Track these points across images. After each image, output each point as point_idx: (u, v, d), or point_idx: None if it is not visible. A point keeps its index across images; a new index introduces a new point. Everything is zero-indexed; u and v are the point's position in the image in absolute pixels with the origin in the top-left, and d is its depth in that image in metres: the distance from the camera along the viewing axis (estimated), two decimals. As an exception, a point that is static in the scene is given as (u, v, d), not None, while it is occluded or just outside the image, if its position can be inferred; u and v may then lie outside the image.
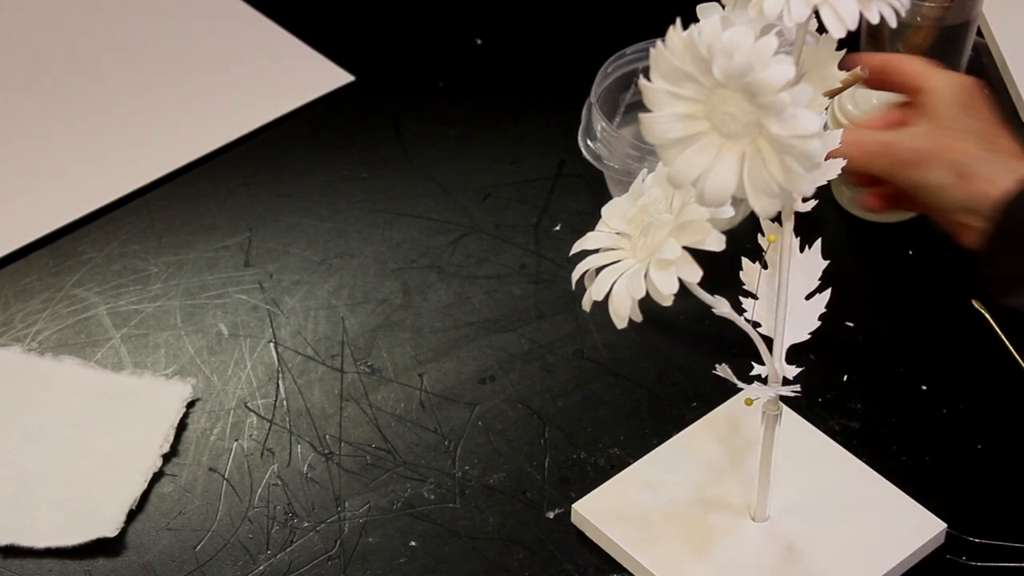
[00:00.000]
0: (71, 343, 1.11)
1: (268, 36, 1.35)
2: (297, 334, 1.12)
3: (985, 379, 1.07)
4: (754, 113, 0.73)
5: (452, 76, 1.32)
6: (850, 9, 0.74)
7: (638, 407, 1.06)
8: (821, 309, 0.90)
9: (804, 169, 0.73)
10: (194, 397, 1.07)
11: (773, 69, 0.71)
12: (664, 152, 0.76)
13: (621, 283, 0.80)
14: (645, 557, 0.96)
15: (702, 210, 0.78)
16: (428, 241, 1.18)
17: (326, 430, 1.06)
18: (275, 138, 1.27)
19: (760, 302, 0.89)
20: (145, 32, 1.35)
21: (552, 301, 1.13)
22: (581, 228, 1.18)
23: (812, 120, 0.72)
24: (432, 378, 1.09)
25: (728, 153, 0.74)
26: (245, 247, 1.18)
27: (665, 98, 0.75)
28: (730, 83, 0.73)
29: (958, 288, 1.13)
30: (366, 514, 1.01)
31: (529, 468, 1.03)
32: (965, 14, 1.19)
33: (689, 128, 0.75)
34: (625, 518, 0.98)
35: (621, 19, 1.36)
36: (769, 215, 0.75)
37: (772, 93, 0.71)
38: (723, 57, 0.72)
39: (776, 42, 0.72)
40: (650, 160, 1.12)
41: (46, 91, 1.31)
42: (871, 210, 1.11)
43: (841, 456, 1.01)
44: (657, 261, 0.79)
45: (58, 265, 1.17)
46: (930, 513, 0.98)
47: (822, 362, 1.07)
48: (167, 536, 1.00)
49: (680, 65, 0.74)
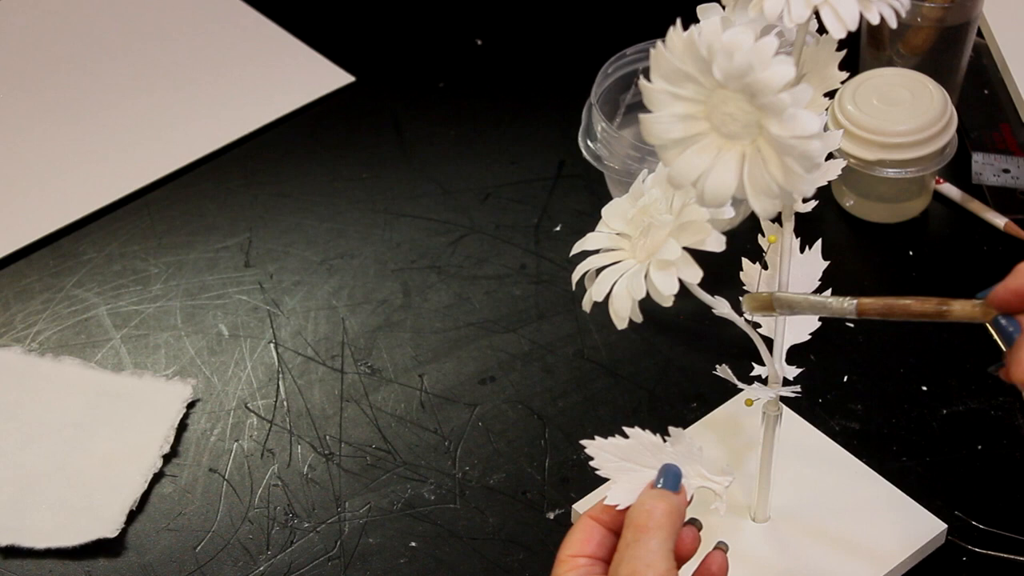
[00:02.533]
0: (71, 344, 1.11)
1: (268, 36, 1.35)
2: (297, 335, 1.12)
3: (985, 379, 1.07)
4: (754, 113, 0.73)
5: (452, 76, 1.32)
6: (850, 9, 0.74)
7: (638, 407, 1.06)
8: None
9: (804, 169, 0.73)
10: (194, 398, 1.07)
11: (773, 69, 0.71)
12: (664, 153, 0.76)
13: (621, 284, 0.80)
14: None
15: (702, 211, 0.78)
16: (428, 241, 1.18)
17: (326, 431, 1.06)
18: (275, 138, 1.27)
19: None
20: (145, 33, 1.35)
21: (552, 301, 1.13)
22: (581, 228, 1.18)
23: (812, 121, 0.72)
24: (432, 379, 1.09)
25: (728, 154, 0.74)
26: (245, 247, 1.18)
27: (665, 98, 0.75)
28: (730, 83, 0.73)
29: (958, 288, 1.13)
30: (366, 515, 1.01)
31: (529, 468, 1.03)
32: (965, 14, 1.19)
33: (689, 129, 0.75)
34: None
35: (621, 19, 1.36)
36: (769, 216, 0.75)
37: (772, 93, 0.71)
38: (723, 57, 0.72)
39: (776, 42, 0.72)
40: (650, 160, 1.12)
41: (46, 91, 1.31)
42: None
43: (841, 456, 1.01)
44: (657, 262, 0.79)
45: (58, 265, 1.17)
46: (930, 513, 0.98)
47: (822, 362, 1.07)
48: (167, 537, 1.00)
49: (680, 65, 0.74)
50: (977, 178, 1.20)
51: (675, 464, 0.81)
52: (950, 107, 1.14)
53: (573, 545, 0.80)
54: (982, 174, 1.20)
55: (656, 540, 0.77)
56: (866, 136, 1.12)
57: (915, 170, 1.13)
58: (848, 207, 1.18)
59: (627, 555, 0.77)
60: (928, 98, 1.14)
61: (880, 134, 1.12)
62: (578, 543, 0.80)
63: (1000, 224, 1.17)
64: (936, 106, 1.13)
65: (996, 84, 1.27)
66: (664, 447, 0.83)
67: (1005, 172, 1.20)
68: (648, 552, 0.76)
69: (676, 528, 0.78)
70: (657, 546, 0.77)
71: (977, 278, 1.14)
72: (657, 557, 0.76)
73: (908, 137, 1.12)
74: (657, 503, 0.79)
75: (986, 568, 0.97)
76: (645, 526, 0.77)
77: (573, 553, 0.80)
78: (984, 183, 1.20)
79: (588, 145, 1.16)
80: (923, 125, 1.12)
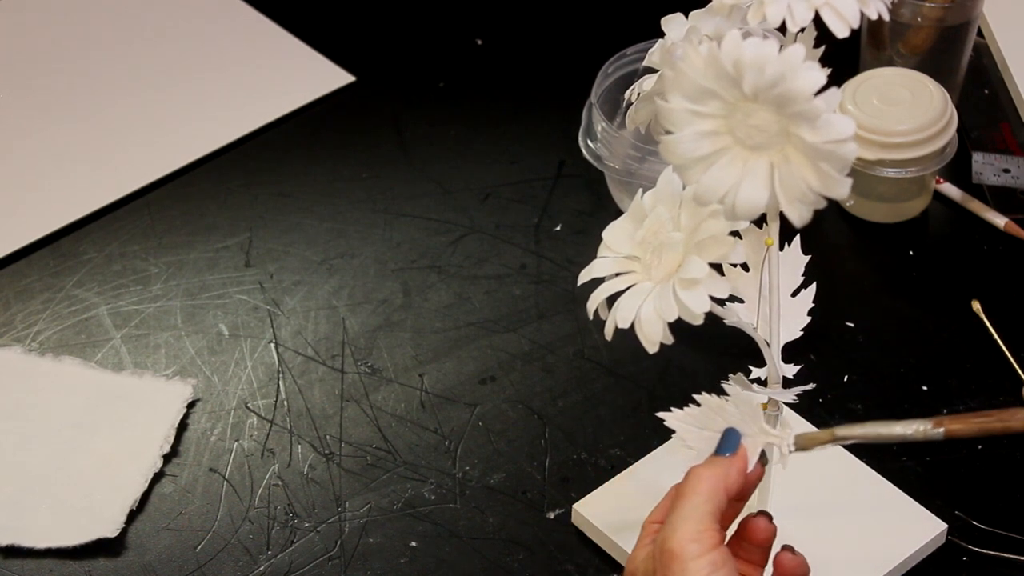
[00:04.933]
0: (71, 343, 1.11)
1: (268, 36, 1.35)
2: (297, 334, 1.12)
3: (985, 379, 1.07)
4: (781, 123, 0.72)
5: (452, 76, 1.32)
6: (851, 8, 0.74)
7: (638, 407, 1.06)
8: (809, 305, 0.89)
9: (839, 172, 0.72)
10: (194, 397, 1.07)
11: (804, 77, 0.71)
12: (687, 171, 0.75)
13: (648, 307, 0.79)
14: (645, 557, 0.96)
15: (722, 224, 0.77)
16: (428, 241, 1.18)
17: (326, 430, 1.05)
18: (275, 138, 1.27)
19: (745, 305, 0.88)
20: (145, 32, 1.35)
21: (552, 301, 1.13)
22: (581, 228, 1.19)
23: (846, 124, 0.71)
24: (432, 378, 1.09)
25: (755, 165, 0.74)
26: (245, 247, 1.18)
27: (687, 117, 0.74)
28: (760, 96, 0.72)
29: (958, 288, 1.13)
30: (366, 514, 1.01)
31: (529, 468, 1.03)
32: (965, 14, 1.19)
33: (714, 144, 0.74)
34: (625, 518, 0.98)
35: (621, 19, 1.36)
36: (805, 222, 0.74)
37: (806, 101, 0.71)
38: (754, 71, 0.71)
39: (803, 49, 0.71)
40: (650, 160, 1.12)
41: (46, 91, 1.31)
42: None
43: (841, 456, 1.01)
44: (682, 280, 0.78)
45: (58, 265, 1.17)
46: (930, 513, 0.98)
47: (822, 362, 1.07)
48: (167, 536, 1.00)
49: (703, 83, 0.73)
50: (977, 178, 1.20)
51: (733, 428, 0.83)
52: (950, 107, 1.14)
53: (655, 512, 0.84)
54: (982, 174, 1.20)
55: (690, 505, 0.80)
56: (866, 136, 1.12)
57: (915, 170, 1.13)
58: (848, 207, 1.18)
59: (666, 520, 0.80)
60: (928, 98, 1.14)
61: (880, 134, 1.12)
62: (659, 510, 0.84)
63: (1000, 224, 1.17)
64: (936, 106, 1.13)
65: (996, 84, 1.27)
66: (725, 407, 0.83)
67: (1005, 172, 1.20)
68: (678, 517, 0.79)
69: (713, 491, 0.80)
70: (690, 511, 0.79)
71: (977, 278, 1.14)
72: (686, 521, 0.79)
73: (908, 137, 1.12)
74: (697, 469, 0.81)
75: (986, 568, 0.97)
76: (682, 492, 0.81)
77: (653, 519, 0.84)
78: (984, 183, 1.20)
79: (588, 145, 1.16)
80: (923, 125, 1.13)
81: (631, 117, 0.87)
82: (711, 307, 0.80)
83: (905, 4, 1.17)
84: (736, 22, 0.79)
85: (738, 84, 0.73)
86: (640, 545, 0.83)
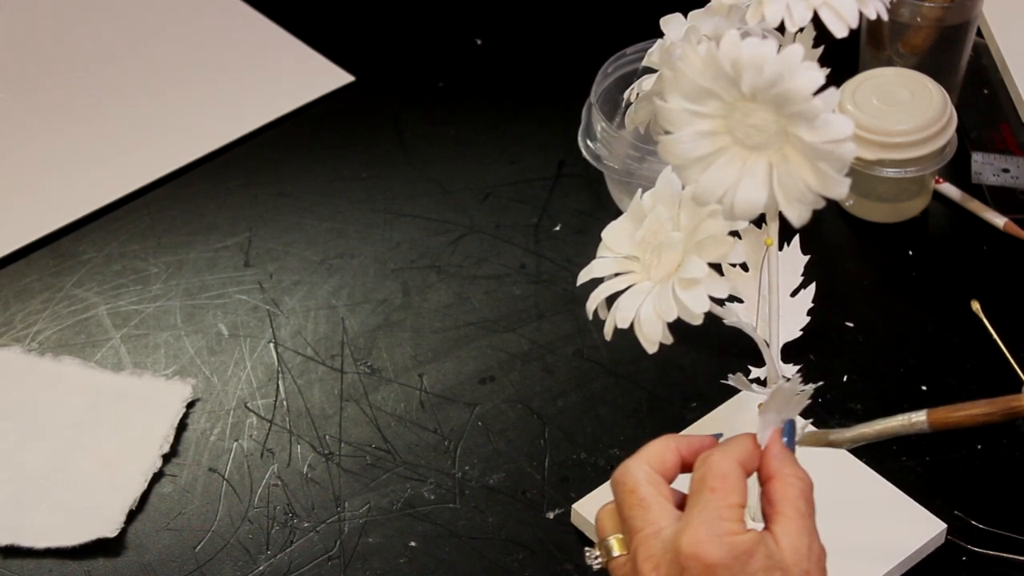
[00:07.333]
0: (71, 343, 1.11)
1: (268, 36, 1.35)
2: (297, 334, 1.12)
3: (985, 379, 1.07)
4: (780, 123, 0.72)
5: (452, 76, 1.32)
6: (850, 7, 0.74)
7: (638, 407, 1.06)
8: (808, 305, 0.89)
9: (838, 172, 0.72)
10: (194, 397, 1.07)
11: (803, 76, 0.71)
12: (686, 171, 0.75)
13: (647, 307, 0.79)
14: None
15: (721, 224, 0.78)
16: (428, 241, 1.18)
17: (326, 430, 1.05)
18: (275, 138, 1.27)
19: (744, 305, 0.88)
20: (145, 32, 1.35)
21: (552, 301, 1.13)
22: (581, 228, 1.19)
23: (845, 124, 0.71)
24: (432, 378, 1.09)
25: (753, 165, 0.74)
26: (245, 247, 1.18)
27: (686, 117, 0.74)
28: (759, 95, 0.72)
29: (958, 288, 1.13)
30: (366, 514, 1.01)
31: (529, 468, 1.03)
32: (965, 14, 1.19)
33: (713, 144, 0.74)
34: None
35: (621, 19, 1.36)
36: (804, 222, 0.74)
37: (804, 101, 0.71)
38: (752, 71, 0.71)
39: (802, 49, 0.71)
40: (650, 160, 1.12)
41: (46, 91, 1.31)
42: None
43: (841, 456, 1.01)
44: (682, 280, 0.78)
45: (58, 265, 1.17)
46: (930, 513, 0.98)
47: (822, 362, 1.07)
48: (167, 536, 1.00)
49: (702, 83, 0.73)
50: (977, 178, 1.20)
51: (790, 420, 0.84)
52: (950, 107, 1.14)
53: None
54: (982, 174, 1.20)
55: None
56: (866, 136, 1.12)
57: (915, 170, 1.13)
58: (848, 207, 1.18)
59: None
60: (928, 98, 1.14)
61: (880, 134, 1.12)
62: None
63: (1000, 224, 1.17)
64: (936, 106, 1.13)
65: (996, 84, 1.27)
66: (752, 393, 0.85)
67: (1005, 172, 1.20)
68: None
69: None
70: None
71: (977, 278, 1.14)
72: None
73: (908, 137, 1.12)
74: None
75: (986, 568, 0.97)
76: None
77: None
78: (984, 183, 1.20)
79: (588, 145, 1.16)
80: (923, 125, 1.12)
81: (630, 117, 0.87)
82: (711, 307, 0.80)
83: (905, 4, 1.17)
84: (735, 22, 0.79)
85: (737, 84, 0.73)
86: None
